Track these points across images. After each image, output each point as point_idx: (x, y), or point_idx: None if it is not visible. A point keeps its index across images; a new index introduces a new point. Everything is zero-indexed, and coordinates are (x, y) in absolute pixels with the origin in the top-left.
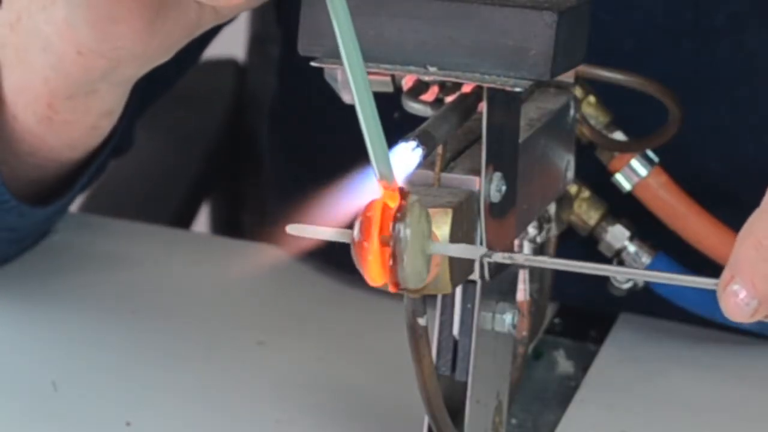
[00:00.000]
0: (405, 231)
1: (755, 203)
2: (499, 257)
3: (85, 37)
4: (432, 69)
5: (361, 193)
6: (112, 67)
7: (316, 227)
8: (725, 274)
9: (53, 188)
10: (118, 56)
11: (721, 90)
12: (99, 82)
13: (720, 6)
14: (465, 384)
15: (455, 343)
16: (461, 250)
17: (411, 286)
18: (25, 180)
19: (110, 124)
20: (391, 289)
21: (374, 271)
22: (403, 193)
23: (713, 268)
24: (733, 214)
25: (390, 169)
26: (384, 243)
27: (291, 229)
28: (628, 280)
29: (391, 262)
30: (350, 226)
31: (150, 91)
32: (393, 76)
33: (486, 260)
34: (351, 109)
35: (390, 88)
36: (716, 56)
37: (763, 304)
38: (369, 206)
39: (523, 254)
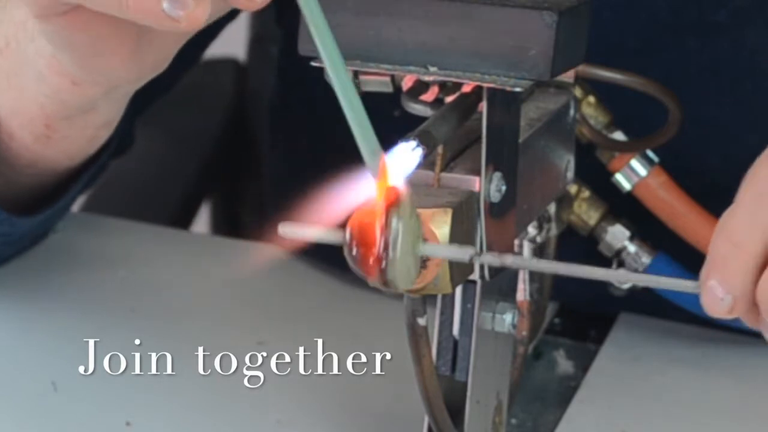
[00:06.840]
0: (396, 226)
1: None
2: (489, 258)
3: (76, 71)
4: (432, 69)
5: (360, 193)
6: (108, 90)
7: (307, 227)
8: (703, 271)
9: (49, 195)
10: (114, 81)
11: (723, 87)
12: (97, 102)
13: (723, 2)
14: (465, 384)
15: (455, 343)
16: (452, 251)
17: (400, 286)
18: (21, 190)
19: (108, 132)
20: (382, 287)
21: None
22: (395, 191)
23: None
24: None
25: (374, 142)
26: (375, 241)
27: (283, 229)
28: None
29: (381, 261)
30: (343, 225)
31: (150, 93)
32: (393, 76)
33: (477, 261)
34: None
35: (390, 88)
36: (719, 53)
37: (739, 300)
38: (360, 207)
39: (512, 256)
